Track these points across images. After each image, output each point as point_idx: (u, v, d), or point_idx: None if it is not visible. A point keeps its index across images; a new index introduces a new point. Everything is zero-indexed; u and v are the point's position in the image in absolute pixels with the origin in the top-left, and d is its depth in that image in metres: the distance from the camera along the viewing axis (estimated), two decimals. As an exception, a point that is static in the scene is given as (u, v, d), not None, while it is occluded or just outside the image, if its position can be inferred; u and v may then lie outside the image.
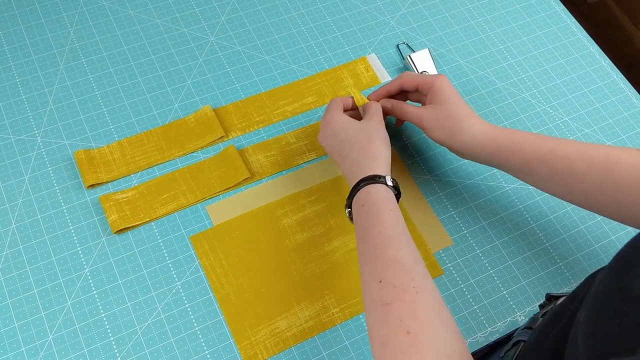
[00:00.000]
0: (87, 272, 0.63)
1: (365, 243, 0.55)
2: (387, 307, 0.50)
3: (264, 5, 0.83)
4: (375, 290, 0.51)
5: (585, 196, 0.58)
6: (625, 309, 0.35)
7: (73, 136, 0.70)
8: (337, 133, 0.64)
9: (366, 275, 0.53)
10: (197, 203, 0.68)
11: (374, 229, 0.55)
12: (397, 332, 0.48)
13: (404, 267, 0.52)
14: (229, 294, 0.63)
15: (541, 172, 0.60)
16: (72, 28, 0.77)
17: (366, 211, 0.57)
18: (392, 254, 0.53)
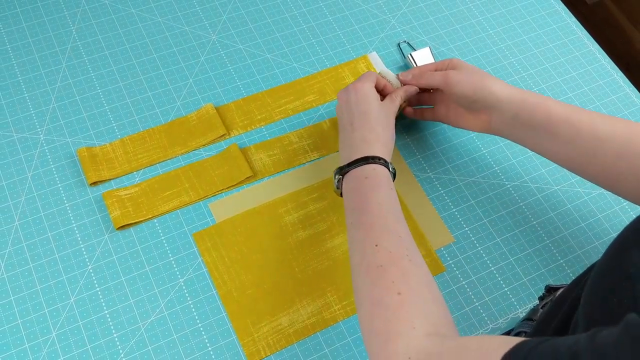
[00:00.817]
0: (90, 269, 0.63)
1: (363, 212, 0.56)
2: (382, 269, 0.51)
3: (265, 4, 0.83)
4: (370, 253, 0.53)
5: (604, 165, 0.58)
6: (621, 287, 0.35)
7: (75, 134, 0.70)
8: (361, 102, 0.63)
9: (360, 240, 0.55)
10: (200, 201, 0.68)
11: (373, 200, 0.57)
12: (389, 293, 0.49)
13: (400, 237, 0.54)
14: (232, 290, 0.63)
15: (565, 133, 0.60)
16: (74, 26, 0.78)
17: (369, 184, 0.58)
18: (389, 224, 0.55)
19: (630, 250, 0.36)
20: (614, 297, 0.35)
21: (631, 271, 0.35)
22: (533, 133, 0.62)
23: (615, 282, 0.36)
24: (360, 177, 0.59)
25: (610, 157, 0.57)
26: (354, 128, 0.62)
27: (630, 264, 0.35)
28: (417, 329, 0.47)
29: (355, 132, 0.62)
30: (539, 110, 0.61)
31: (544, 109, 0.61)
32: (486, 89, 0.63)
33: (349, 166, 0.60)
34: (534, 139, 0.63)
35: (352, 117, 0.63)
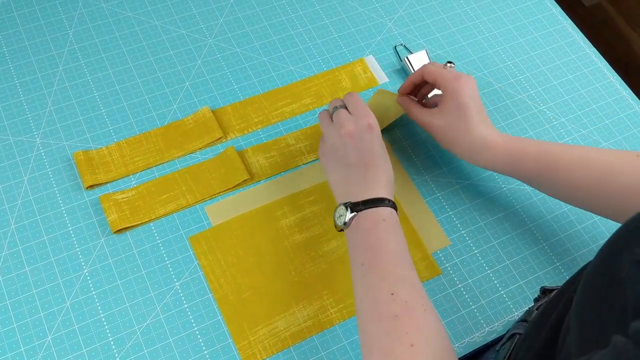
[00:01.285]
0: (86, 273, 0.63)
1: (378, 255, 0.56)
2: (396, 319, 0.51)
3: (262, 7, 0.83)
4: (384, 302, 0.52)
5: (587, 202, 0.61)
6: (611, 292, 0.35)
7: (72, 137, 0.70)
8: (375, 142, 0.62)
9: (374, 284, 0.54)
10: (197, 204, 0.68)
11: (390, 245, 0.56)
12: (402, 344, 0.49)
13: (414, 286, 0.54)
14: (228, 294, 0.63)
15: (542, 183, 0.64)
16: (71, 30, 0.78)
17: (385, 227, 0.57)
18: (405, 272, 0.55)
19: (620, 254, 0.36)
20: (604, 302, 0.35)
21: (622, 276, 0.35)
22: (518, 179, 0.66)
23: (606, 286, 0.36)
24: (377, 219, 0.57)
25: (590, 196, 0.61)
26: (367, 168, 0.60)
27: (621, 268, 0.35)
28: None
29: (369, 173, 0.60)
30: (515, 169, 0.64)
31: (518, 168, 0.64)
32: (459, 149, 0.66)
33: (364, 204, 0.58)
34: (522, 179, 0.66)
35: (364, 156, 0.61)
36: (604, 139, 0.78)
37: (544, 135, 0.77)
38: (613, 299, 0.35)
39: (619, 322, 0.33)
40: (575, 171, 0.60)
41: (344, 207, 0.59)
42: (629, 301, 0.33)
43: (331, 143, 0.63)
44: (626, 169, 0.57)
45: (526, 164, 0.63)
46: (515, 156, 0.63)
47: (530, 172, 0.63)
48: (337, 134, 0.62)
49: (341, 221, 0.59)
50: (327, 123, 0.65)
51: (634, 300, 0.33)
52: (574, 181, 0.60)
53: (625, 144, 0.78)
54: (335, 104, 0.65)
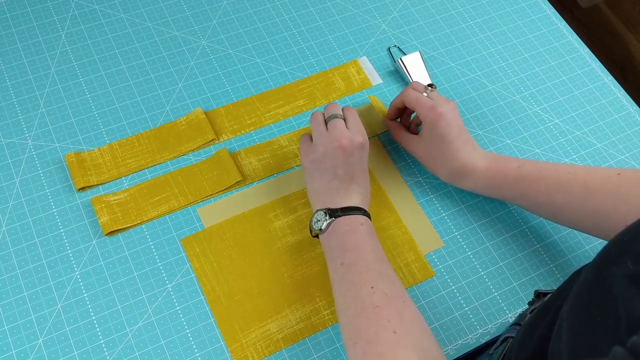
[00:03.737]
0: (77, 275, 0.63)
1: (358, 255, 0.58)
2: (378, 309, 0.53)
3: (255, 9, 0.83)
4: (365, 294, 0.55)
5: (568, 222, 0.63)
6: (604, 306, 0.35)
7: (64, 139, 0.70)
8: (363, 161, 0.64)
9: (354, 281, 0.56)
10: (189, 206, 0.68)
11: (368, 246, 0.59)
12: (385, 331, 0.51)
13: (393, 282, 0.57)
14: (220, 296, 0.63)
15: (523, 205, 0.66)
16: (64, 31, 0.78)
17: (364, 230, 0.60)
18: (383, 269, 0.58)
19: (612, 267, 0.36)
20: (597, 315, 0.35)
21: (614, 290, 0.34)
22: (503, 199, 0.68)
23: (599, 299, 0.36)
24: (355, 223, 0.60)
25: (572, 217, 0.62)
26: (352, 182, 0.63)
27: (613, 282, 0.35)
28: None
29: (352, 186, 0.63)
30: (495, 192, 0.66)
31: (498, 192, 0.66)
32: (443, 175, 0.68)
33: (342, 211, 0.61)
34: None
35: (352, 171, 0.63)
36: (598, 140, 0.78)
37: (538, 137, 0.77)
38: (606, 312, 0.34)
39: (612, 334, 0.33)
40: (555, 195, 0.62)
41: (322, 212, 0.61)
42: (622, 315, 0.33)
43: (322, 151, 0.63)
44: (605, 188, 0.59)
45: (505, 189, 0.65)
46: (494, 182, 0.65)
47: (511, 195, 0.65)
48: (329, 144, 0.63)
49: (318, 226, 0.61)
50: (321, 130, 0.64)
51: (626, 315, 0.33)
52: (555, 204, 0.62)
53: (619, 145, 0.78)
54: (333, 112, 0.65)
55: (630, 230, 0.38)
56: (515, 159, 0.65)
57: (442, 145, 0.66)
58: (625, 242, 0.37)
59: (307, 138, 0.67)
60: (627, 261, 0.35)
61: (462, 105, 0.78)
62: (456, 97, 0.79)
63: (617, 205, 0.57)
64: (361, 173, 0.64)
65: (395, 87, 0.79)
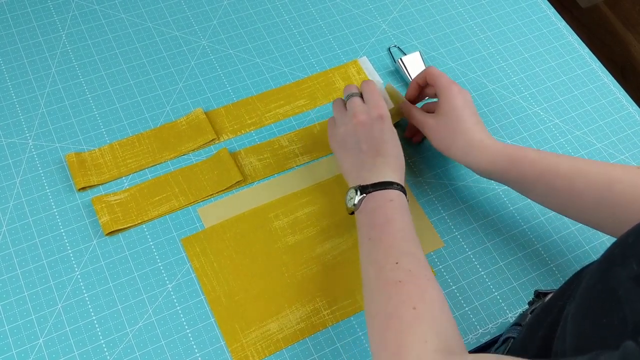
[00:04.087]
0: (78, 275, 0.63)
1: (385, 230, 0.57)
2: (400, 284, 0.52)
3: (256, 9, 0.83)
4: (389, 269, 0.54)
5: (583, 212, 0.60)
6: (610, 307, 0.35)
7: (64, 139, 0.70)
8: (386, 132, 0.64)
9: (380, 255, 0.56)
10: (189, 205, 0.68)
11: (396, 222, 0.58)
12: (404, 307, 0.50)
13: (419, 260, 0.55)
14: (220, 296, 0.63)
15: (539, 189, 0.62)
16: (64, 31, 0.78)
17: (393, 206, 0.59)
18: (410, 247, 0.57)
19: (617, 268, 0.36)
20: (603, 317, 0.35)
21: (620, 292, 0.34)
22: (509, 185, 0.65)
23: (604, 301, 0.36)
24: (385, 199, 0.60)
25: (589, 205, 0.59)
26: (377, 154, 0.63)
27: (618, 283, 0.35)
28: (429, 343, 0.47)
29: (379, 158, 0.62)
30: (511, 171, 0.63)
31: (516, 170, 0.63)
32: (456, 150, 0.65)
33: (373, 187, 0.60)
34: (511, 187, 0.65)
35: (375, 143, 0.63)
36: (598, 140, 0.78)
37: (538, 137, 0.77)
38: (611, 313, 0.34)
39: (617, 336, 0.33)
40: (574, 179, 0.59)
41: (353, 190, 0.61)
42: (628, 317, 0.33)
43: (343, 130, 0.65)
44: (626, 179, 0.57)
45: (524, 167, 0.62)
46: (514, 159, 0.62)
47: (527, 177, 0.62)
48: (349, 122, 0.65)
49: (351, 203, 0.61)
50: (340, 110, 0.67)
51: (632, 316, 0.33)
52: (573, 189, 0.60)
53: (619, 145, 0.78)
54: (350, 91, 0.67)
55: (635, 232, 0.38)
56: (533, 148, 0.64)
57: (459, 117, 0.64)
58: (630, 244, 0.37)
59: (332, 122, 0.69)
60: (632, 263, 0.35)
61: (462, 105, 0.78)
62: (456, 97, 0.79)
63: (637, 197, 0.56)
64: (385, 144, 0.63)
65: (395, 87, 0.79)
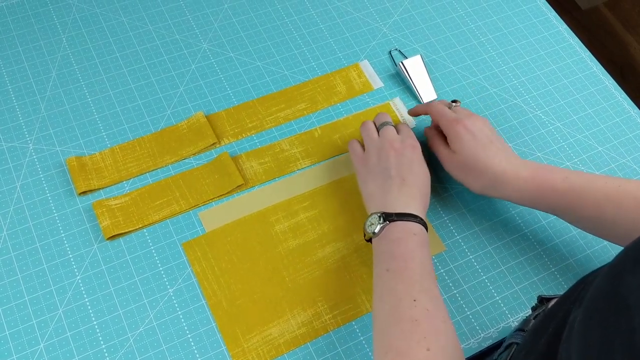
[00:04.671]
0: (78, 280, 0.63)
1: (406, 264, 0.57)
2: (416, 323, 0.52)
3: (256, 12, 0.83)
4: (406, 307, 0.53)
5: (617, 238, 0.61)
6: (618, 316, 0.35)
7: (65, 143, 0.70)
8: (415, 163, 0.65)
9: (397, 290, 0.55)
10: (190, 210, 0.68)
11: (417, 257, 0.58)
12: (419, 347, 0.50)
13: (436, 299, 0.55)
14: (221, 300, 0.63)
15: (569, 216, 0.63)
16: (65, 35, 0.77)
17: (416, 240, 0.59)
18: (428, 284, 0.56)
19: (627, 277, 0.36)
20: (611, 326, 0.35)
21: (630, 301, 0.34)
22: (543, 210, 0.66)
23: (613, 310, 0.35)
24: (408, 231, 0.59)
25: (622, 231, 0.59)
26: (404, 183, 0.63)
27: (629, 291, 0.35)
28: None
29: (405, 188, 0.62)
30: (538, 203, 0.63)
31: (541, 203, 0.63)
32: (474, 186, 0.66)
33: (398, 216, 0.60)
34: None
35: (403, 171, 0.63)
36: (600, 144, 0.78)
37: (539, 140, 0.77)
38: (620, 322, 0.34)
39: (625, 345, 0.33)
40: (604, 208, 0.59)
41: (377, 216, 0.61)
42: (637, 326, 0.33)
43: (375, 153, 0.66)
44: None
45: (551, 200, 0.62)
46: (540, 192, 0.62)
47: (557, 208, 0.63)
48: (382, 148, 0.66)
49: (371, 229, 0.60)
50: (371, 135, 0.68)
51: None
52: (604, 217, 0.60)
53: (620, 149, 0.78)
54: (385, 119, 0.69)
55: None
56: (560, 170, 0.63)
57: (474, 157, 0.64)
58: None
59: (357, 146, 0.69)
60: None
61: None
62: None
63: None
64: (413, 175, 0.63)
65: (396, 91, 0.79)
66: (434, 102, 0.71)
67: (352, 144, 0.70)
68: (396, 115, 0.77)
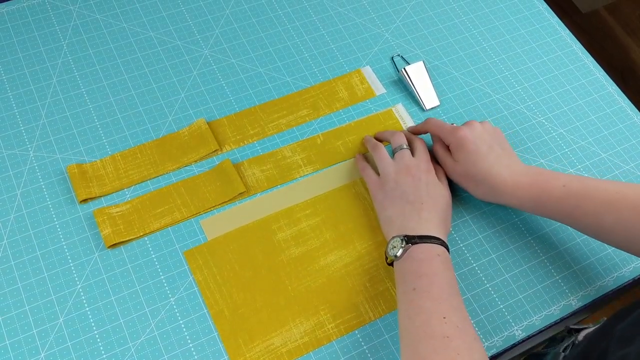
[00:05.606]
0: (79, 289, 0.62)
1: (432, 282, 0.57)
2: (447, 340, 0.52)
3: (258, 18, 0.82)
4: (437, 324, 0.54)
5: (617, 243, 0.61)
6: None
7: (66, 150, 0.70)
8: (433, 189, 0.65)
9: (426, 308, 0.55)
10: (192, 217, 0.67)
11: (443, 277, 0.58)
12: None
13: (465, 317, 0.56)
14: (223, 310, 0.62)
15: (569, 223, 0.64)
16: (65, 41, 0.77)
17: (441, 260, 0.59)
18: (456, 302, 0.56)
19: None
20: None
21: None
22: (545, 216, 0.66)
23: None
24: (432, 252, 0.59)
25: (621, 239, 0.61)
26: (422, 207, 0.63)
27: None
28: None
29: (424, 212, 0.63)
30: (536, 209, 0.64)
31: (540, 210, 0.64)
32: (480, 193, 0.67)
33: (420, 238, 0.60)
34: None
35: (421, 195, 0.64)
36: (603, 150, 0.78)
37: (543, 147, 0.77)
38: None
39: None
40: (603, 215, 0.60)
41: (399, 239, 0.61)
42: None
43: (392, 179, 0.66)
44: None
45: (550, 208, 0.63)
46: (539, 200, 0.63)
47: (557, 215, 0.64)
48: (399, 173, 0.66)
49: (393, 252, 0.60)
50: (385, 159, 0.68)
51: None
52: (603, 225, 0.60)
53: (624, 155, 0.77)
54: (399, 142, 0.69)
55: None
56: (560, 176, 0.63)
57: (475, 166, 0.65)
58: None
59: (371, 172, 0.70)
60: None
61: (466, 115, 0.78)
62: (460, 106, 0.79)
63: None
64: (431, 199, 0.64)
65: (398, 97, 0.79)
66: (430, 119, 0.71)
67: (366, 170, 0.70)
68: (399, 122, 0.77)
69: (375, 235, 0.68)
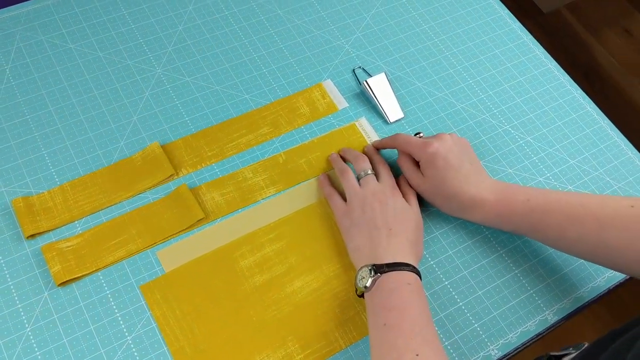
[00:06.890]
0: (28, 332, 0.58)
1: (403, 316, 0.55)
2: None
3: (212, 34, 0.79)
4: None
5: (581, 256, 0.62)
6: None
7: (10, 183, 0.65)
8: (402, 212, 0.63)
9: (398, 345, 0.53)
10: (148, 249, 0.63)
11: (414, 308, 0.56)
12: None
13: (437, 349, 0.54)
14: (184, 346, 0.59)
15: (535, 237, 0.64)
16: (8, 66, 0.73)
17: (411, 290, 0.57)
18: (429, 335, 0.54)
19: None
20: None
21: None
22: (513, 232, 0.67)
23: None
24: (401, 281, 0.57)
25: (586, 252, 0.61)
26: (391, 232, 0.61)
27: None
28: None
29: (392, 238, 0.61)
30: (503, 225, 0.64)
31: (506, 225, 0.64)
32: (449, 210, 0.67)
33: (388, 267, 0.58)
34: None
35: (389, 220, 0.62)
36: (571, 157, 0.76)
37: (510, 156, 0.75)
38: None
39: None
40: (566, 229, 0.60)
41: (367, 269, 0.58)
42: None
43: (359, 206, 0.64)
44: (617, 223, 0.57)
45: (515, 223, 0.63)
46: (504, 216, 0.63)
47: (522, 229, 0.63)
48: (365, 199, 0.64)
49: (362, 283, 0.58)
50: (355, 188, 0.66)
51: None
52: (567, 237, 0.60)
53: (592, 161, 0.76)
54: (363, 167, 0.67)
55: None
56: (523, 190, 0.63)
57: (444, 182, 0.64)
58: None
59: (338, 199, 0.67)
60: None
61: (431, 126, 0.76)
62: (424, 118, 0.76)
63: (631, 241, 0.56)
64: (399, 223, 0.62)
65: (361, 111, 0.76)
66: (398, 134, 0.69)
67: (333, 197, 0.67)
68: (363, 137, 0.74)
69: (343, 257, 0.65)
